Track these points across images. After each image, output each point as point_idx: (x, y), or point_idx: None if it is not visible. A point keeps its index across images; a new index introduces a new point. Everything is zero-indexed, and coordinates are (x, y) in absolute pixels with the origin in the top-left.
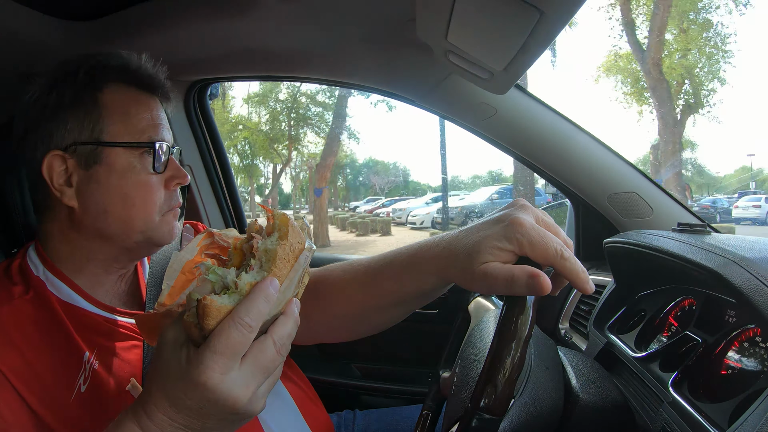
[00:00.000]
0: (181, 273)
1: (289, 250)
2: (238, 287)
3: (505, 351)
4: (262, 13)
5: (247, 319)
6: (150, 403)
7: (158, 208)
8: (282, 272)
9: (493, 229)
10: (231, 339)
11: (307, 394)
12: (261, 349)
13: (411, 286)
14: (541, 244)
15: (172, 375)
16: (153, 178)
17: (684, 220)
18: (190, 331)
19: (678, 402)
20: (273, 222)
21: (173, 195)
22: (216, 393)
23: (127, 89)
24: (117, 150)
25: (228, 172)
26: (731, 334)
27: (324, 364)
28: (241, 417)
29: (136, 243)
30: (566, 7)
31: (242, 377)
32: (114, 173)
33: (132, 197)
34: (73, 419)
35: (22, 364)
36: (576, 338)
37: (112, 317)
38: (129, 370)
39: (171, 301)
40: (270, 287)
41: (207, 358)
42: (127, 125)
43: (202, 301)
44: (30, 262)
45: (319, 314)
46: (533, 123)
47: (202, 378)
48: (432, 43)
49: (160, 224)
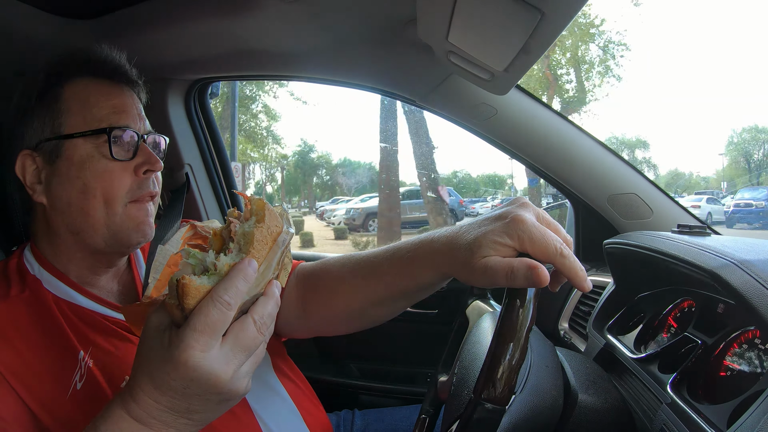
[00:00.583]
0: (167, 266)
1: (267, 233)
2: (217, 268)
3: (508, 341)
4: (263, 12)
5: (225, 297)
6: (135, 387)
7: (121, 196)
8: (260, 254)
9: (495, 225)
10: (210, 317)
11: (306, 393)
12: (242, 327)
13: (411, 280)
14: (541, 241)
15: (156, 357)
16: (113, 165)
17: (683, 221)
18: (172, 312)
19: (677, 403)
20: (250, 207)
21: (144, 183)
22: (197, 371)
23: (90, 81)
24: (75, 141)
25: (228, 171)
26: (730, 336)
27: (323, 364)
28: (225, 397)
29: (104, 242)
30: (567, 7)
31: (223, 355)
32: (73, 165)
33: (92, 187)
34: (68, 417)
35: (18, 362)
36: (575, 339)
37: (108, 313)
38: (125, 367)
39: (157, 293)
40: (248, 267)
41: (187, 336)
42: (85, 116)
43: (181, 280)
44: (26, 261)
45: (318, 307)
46: (534, 124)
47: (183, 356)
48: (433, 43)
49: (124, 217)
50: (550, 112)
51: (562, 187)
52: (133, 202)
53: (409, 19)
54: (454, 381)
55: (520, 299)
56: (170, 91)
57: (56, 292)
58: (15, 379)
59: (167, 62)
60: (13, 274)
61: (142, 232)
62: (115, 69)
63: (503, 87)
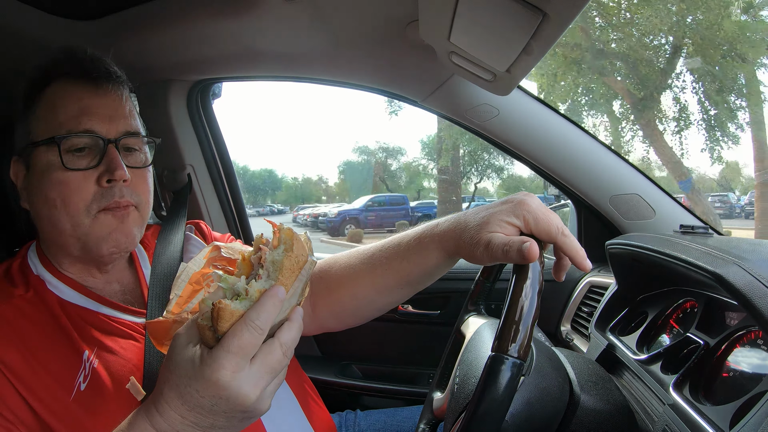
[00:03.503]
0: (189, 283)
1: (294, 262)
2: (249, 294)
3: (521, 301)
4: (265, 13)
5: (258, 322)
6: (162, 401)
7: (83, 207)
8: (288, 281)
9: (502, 207)
10: (243, 340)
11: (310, 393)
12: (269, 351)
13: (417, 264)
14: (545, 221)
15: (185, 374)
16: (69, 175)
17: (686, 222)
18: (203, 333)
19: (679, 404)
20: (279, 235)
21: (108, 192)
22: (227, 390)
23: (66, 83)
24: (39, 149)
25: (230, 172)
26: (733, 337)
27: (325, 365)
28: (249, 415)
29: (77, 251)
30: (569, 8)
31: (252, 376)
32: (35, 174)
33: (51, 198)
34: (72, 418)
35: (21, 363)
36: (577, 340)
37: (111, 313)
38: (129, 368)
39: (179, 309)
40: (278, 294)
41: (221, 357)
42: (49, 122)
43: (217, 304)
44: (30, 262)
45: (327, 303)
46: (535, 124)
47: (215, 375)
48: (435, 44)
49: (92, 228)
50: (552, 112)
51: (564, 188)
52: (104, 210)
53: (411, 20)
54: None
55: (525, 273)
56: (172, 91)
57: (58, 293)
58: (18, 380)
59: (169, 63)
60: (16, 275)
61: (114, 241)
62: (92, 67)
63: (505, 88)
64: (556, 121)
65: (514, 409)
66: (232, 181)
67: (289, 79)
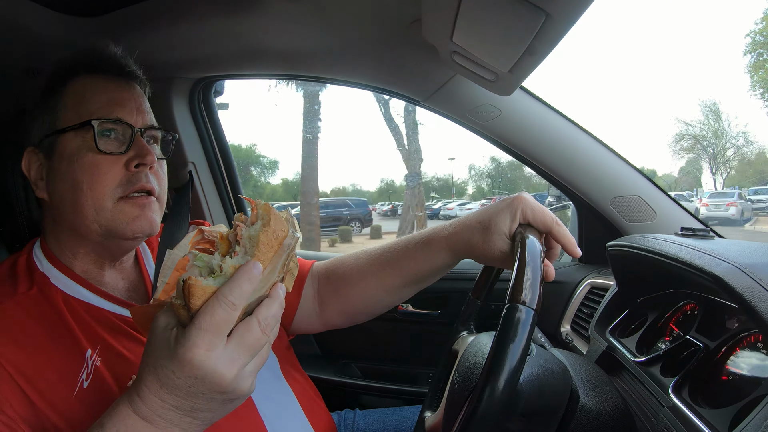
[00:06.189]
0: (175, 270)
1: (272, 237)
2: (223, 270)
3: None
4: (268, 11)
5: (231, 298)
6: (142, 385)
7: (109, 191)
8: (265, 257)
9: (502, 205)
10: (216, 316)
11: (310, 392)
12: (246, 328)
13: (425, 263)
14: (541, 212)
15: (162, 356)
16: (100, 158)
17: (687, 224)
18: (178, 312)
19: (678, 407)
20: (256, 211)
21: (135, 177)
22: (202, 369)
23: (91, 78)
24: (67, 135)
25: (232, 170)
26: (733, 340)
27: (325, 364)
28: (230, 396)
29: (98, 236)
30: (572, 8)
31: (227, 354)
32: (65, 159)
33: (80, 181)
34: (74, 415)
35: (24, 360)
36: (577, 341)
37: (116, 310)
38: (132, 366)
39: (165, 296)
40: (253, 269)
41: (193, 335)
42: (79, 111)
43: (187, 281)
44: (35, 258)
45: (335, 301)
46: (538, 125)
47: (188, 355)
48: (437, 43)
49: (114, 212)
50: (555, 113)
51: (566, 189)
52: (125, 199)
53: (414, 19)
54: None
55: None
56: (174, 89)
57: (64, 289)
58: (21, 377)
59: (172, 60)
60: (21, 271)
61: (139, 226)
62: (116, 64)
63: (508, 88)
64: (559, 122)
65: (524, 378)
66: (234, 179)
67: (291, 78)
